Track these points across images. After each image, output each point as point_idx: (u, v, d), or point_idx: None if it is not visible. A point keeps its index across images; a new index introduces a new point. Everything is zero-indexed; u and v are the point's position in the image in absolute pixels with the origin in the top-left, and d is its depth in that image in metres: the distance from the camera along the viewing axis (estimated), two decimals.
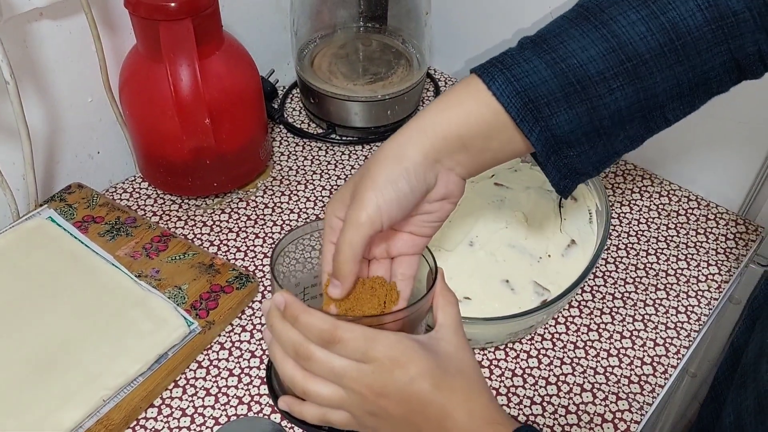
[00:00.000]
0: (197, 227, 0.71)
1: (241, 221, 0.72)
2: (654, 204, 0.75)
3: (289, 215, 0.73)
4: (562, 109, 0.41)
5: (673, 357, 0.61)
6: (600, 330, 0.63)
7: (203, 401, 0.56)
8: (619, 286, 0.67)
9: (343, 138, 0.82)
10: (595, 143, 0.43)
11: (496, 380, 0.59)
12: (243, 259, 0.68)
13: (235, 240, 0.70)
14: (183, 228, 0.71)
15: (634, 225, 0.73)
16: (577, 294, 0.66)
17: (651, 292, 0.66)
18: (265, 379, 0.57)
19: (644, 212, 0.74)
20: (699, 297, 0.66)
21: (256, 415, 0.55)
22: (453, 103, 0.42)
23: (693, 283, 0.68)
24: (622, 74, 0.41)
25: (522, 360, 0.61)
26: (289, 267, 0.51)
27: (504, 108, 0.41)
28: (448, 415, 0.38)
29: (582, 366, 0.60)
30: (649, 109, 0.43)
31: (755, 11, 0.40)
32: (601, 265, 0.69)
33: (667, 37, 0.40)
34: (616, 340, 0.62)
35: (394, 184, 0.41)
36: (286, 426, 0.54)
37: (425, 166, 0.42)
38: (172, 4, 0.58)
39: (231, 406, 0.56)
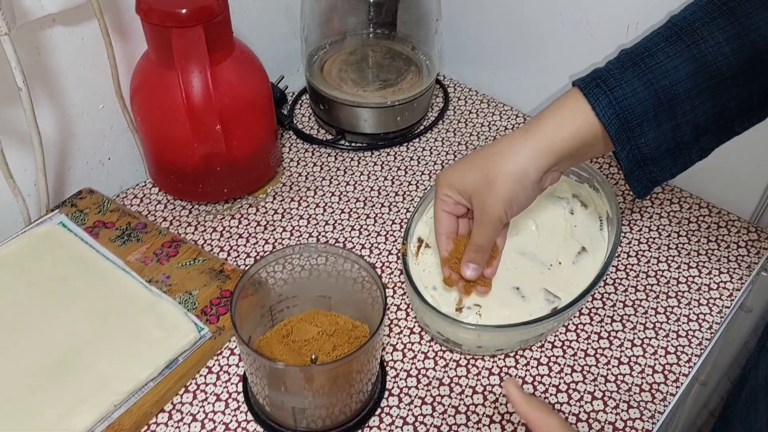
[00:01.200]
0: (207, 233, 0.71)
1: (251, 227, 0.72)
2: (665, 211, 0.75)
3: (298, 221, 0.73)
4: (651, 129, 0.47)
5: (684, 365, 0.61)
6: (611, 338, 0.63)
7: (213, 407, 0.56)
8: (630, 293, 0.67)
9: (353, 144, 0.82)
10: (675, 158, 0.49)
11: None
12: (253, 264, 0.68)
13: (245, 246, 0.70)
14: (193, 234, 0.71)
15: (645, 232, 0.73)
16: (587, 301, 0.66)
17: (662, 300, 0.66)
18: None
19: (655, 219, 0.74)
20: (710, 305, 0.66)
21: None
22: (566, 121, 0.49)
23: (704, 291, 0.67)
24: (704, 91, 0.46)
25: (532, 367, 0.60)
26: (272, 277, 0.56)
27: (604, 128, 0.48)
28: None
29: (593, 374, 0.60)
30: (722, 122, 0.48)
31: None
32: (611, 272, 0.68)
33: (748, 56, 0.45)
34: (627, 348, 0.62)
35: (516, 200, 0.51)
36: None
37: (540, 180, 0.51)
38: (184, 11, 0.59)
39: (241, 412, 0.56)
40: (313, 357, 0.54)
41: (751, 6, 0.45)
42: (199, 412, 0.56)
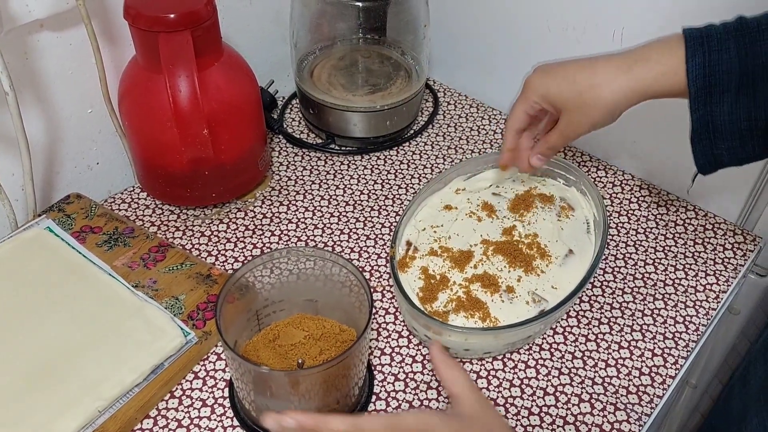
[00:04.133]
0: (195, 237, 0.71)
1: (240, 231, 0.72)
2: (652, 214, 0.75)
3: (287, 225, 0.73)
4: (728, 101, 0.49)
5: (671, 367, 0.61)
6: (598, 340, 0.63)
7: (199, 412, 0.56)
8: (617, 296, 0.67)
9: (343, 148, 0.82)
10: (744, 141, 0.50)
11: (493, 391, 0.59)
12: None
13: (233, 250, 0.70)
14: (181, 238, 0.71)
15: (632, 235, 0.73)
16: (575, 304, 0.66)
17: (649, 302, 0.66)
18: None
19: (642, 222, 0.74)
20: (697, 307, 0.66)
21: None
22: (667, 69, 0.51)
23: (691, 293, 0.67)
24: None
25: (520, 370, 0.60)
26: (258, 281, 0.55)
27: (689, 84, 0.50)
28: None
29: (580, 376, 0.60)
30: None
31: None
32: (599, 275, 0.69)
33: None
34: (614, 351, 0.62)
35: (601, 124, 0.56)
36: None
37: (618, 113, 0.55)
38: (172, 16, 0.59)
39: (227, 417, 0.56)
40: (300, 361, 0.53)
41: None
42: (184, 417, 0.56)
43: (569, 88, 0.55)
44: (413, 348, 0.62)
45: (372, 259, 0.70)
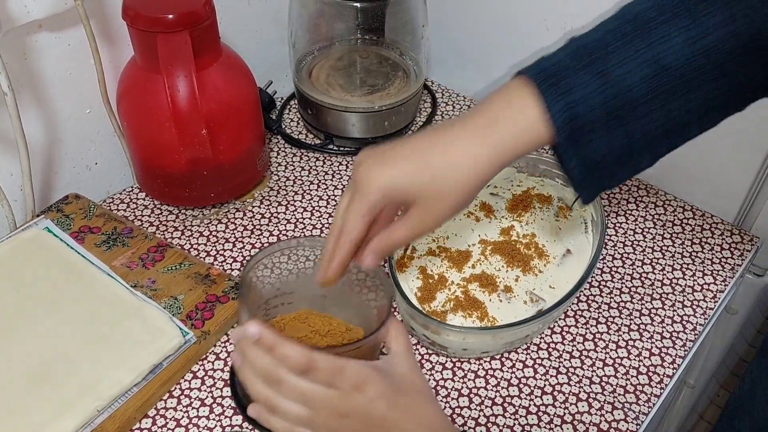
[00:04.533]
0: (194, 237, 0.71)
1: (238, 231, 0.72)
2: (649, 214, 0.76)
3: (285, 225, 0.73)
4: (600, 136, 0.44)
5: (668, 367, 0.61)
6: (596, 340, 0.63)
7: (198, 411, 0.56)
8: (615, 295, 0.67)
9: (341, 148, 0.82)
10: (623, 165, 0.46)
11: (491, 390, 0.59)
12: (239, 269, 0.68)
13: (231, 250, 0.70)
14: (180, 238, 0.71)
15: (629, 235, 0.73)
16: (573, 304, 0.66)
17: (646, 302, 0.67)
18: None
19: (640, 222, 0.75)
20: (694, 307, 0.66)
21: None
22: (524, 124, 0.44)
23: (688, 293, 0.68)
24: (659, 96, 0.43)
25: (518, 370, 0.61)
26: (263, 275, 0.53)
27: (556, 133, 0.43)
28: (401, 428, 0.42)
29: (578, 375, 0.60)
30: (675, 128, 0.45)
31: None
32: (597, 274, 0.69)
33: (705, 60, 0.42)
34: (611, 350, 0.62)
35: (463, 208, 0.47)
36: None
37: (480, 189, 0.46)
38: (170, 16, 0.59)
39: (226, 417, 0.56)
40: None
41: (705, 6, 0.42)
42: (183, 417, 0.56)
43: (417, 172, 0.44)
44: (412, 348, 0.62)
45: None
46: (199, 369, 0.59)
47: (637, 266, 0.70)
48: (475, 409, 0.58)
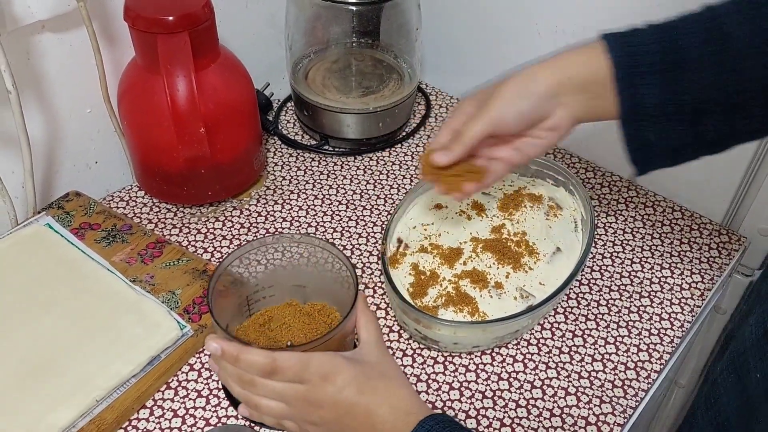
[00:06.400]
0: (191, 234, 0.72)
1: (235, 229, 0.73)
2: (639, 214, 0.77)
3: (281, 223, 0.74)
4: (655, 82, 0.47)
5: (656, 362, 0.63)
6: (585, 336, 0.65)
7: (194, 402, 0.57)
8: (604, 293, 0.68)
9: (336, 149, 0.84)
10: (673, 126, 0.48)
11: (482, 383, 0.60)
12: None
13: (228, 247, 0.71)
14: (178, 235, 0.72)
15: (619, 234, 0.75)
16: (562, 300, 0.67)
17: (635, 300, 0.68)
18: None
19: (629, 222, 0.76)
20: (682, 304, 0.68)
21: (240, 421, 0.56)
22: (580, 53, 0.50)
23: (676, 291, 0.69)
24: (713, 63, 0.45)
25: (508, 364, 0.62)
26: (249, 268, 0.57)
27: (612, 64, 0.48)
28: (372, 412, 0.44)
29: (567, 370, 0.62)
30: (724, 103, 0.47)
31: None
32: (586, 272, 0.70)
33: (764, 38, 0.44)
34: (600, 346, 0.64)
35: (518, 101, 0.51)
36: None
37: (547, 96, 0.50)
38: (170, 18, 0.61)
39: (222, 407, 0.57)
40: (289, 343, 0.55)
41: None
42: (180, 408, 0.57)
43: (489, 87, 0.53)
44: (404, 342, 0.63)
45: (364, 257, 0.71)
46: (195, 361, 0.60)
47: (626, 265, 0.71)
48: (466, 402, 0.59)
